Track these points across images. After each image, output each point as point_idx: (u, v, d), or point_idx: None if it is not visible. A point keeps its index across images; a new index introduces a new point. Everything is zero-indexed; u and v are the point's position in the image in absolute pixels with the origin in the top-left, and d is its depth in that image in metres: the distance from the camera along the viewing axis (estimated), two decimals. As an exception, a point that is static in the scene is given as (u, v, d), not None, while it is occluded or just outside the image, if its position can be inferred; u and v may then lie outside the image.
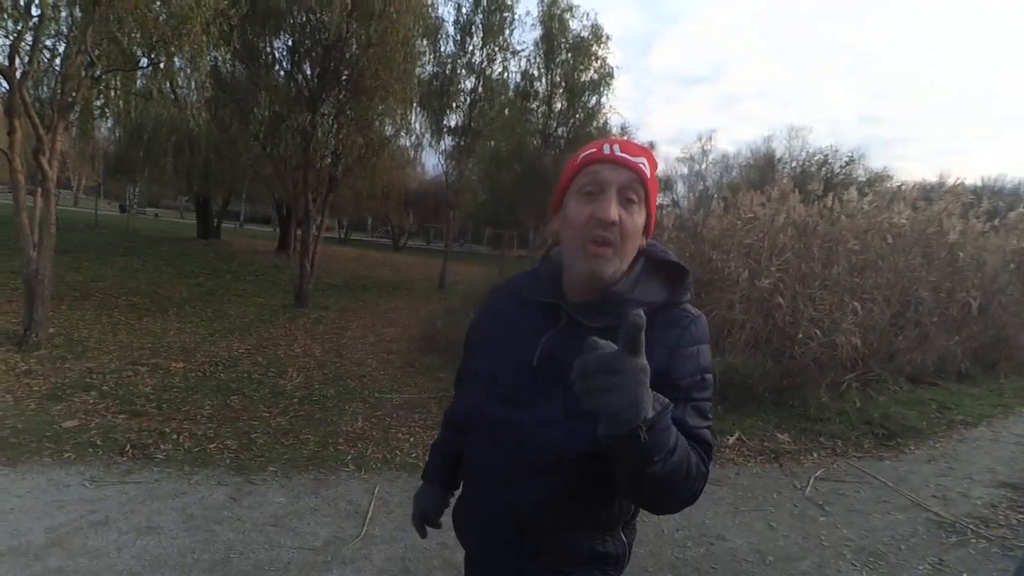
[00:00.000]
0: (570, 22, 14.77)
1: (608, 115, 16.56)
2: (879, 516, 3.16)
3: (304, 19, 8.40)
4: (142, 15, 5.47)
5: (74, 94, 5.20)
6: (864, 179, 21.51)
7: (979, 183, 28.12)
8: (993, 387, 6.30)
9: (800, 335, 5.14)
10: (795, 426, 4.48)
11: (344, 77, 8.80)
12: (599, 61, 15.33)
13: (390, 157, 11.51)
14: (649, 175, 0.85)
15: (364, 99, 8.78)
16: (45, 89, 6.18)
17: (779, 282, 5.40)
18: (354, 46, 8.43)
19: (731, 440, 4.14)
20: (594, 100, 16.00)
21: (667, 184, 32.01)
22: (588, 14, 14.94)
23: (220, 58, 8.98)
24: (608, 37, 15.12)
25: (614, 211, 0.81)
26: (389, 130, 10.52)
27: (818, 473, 3.71)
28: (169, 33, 5.64)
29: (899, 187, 8.56)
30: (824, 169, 23.62)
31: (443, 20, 13.11)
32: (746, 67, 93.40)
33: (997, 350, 6.95)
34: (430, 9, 11.40)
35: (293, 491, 3.02)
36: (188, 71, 6.85)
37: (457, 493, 1.12)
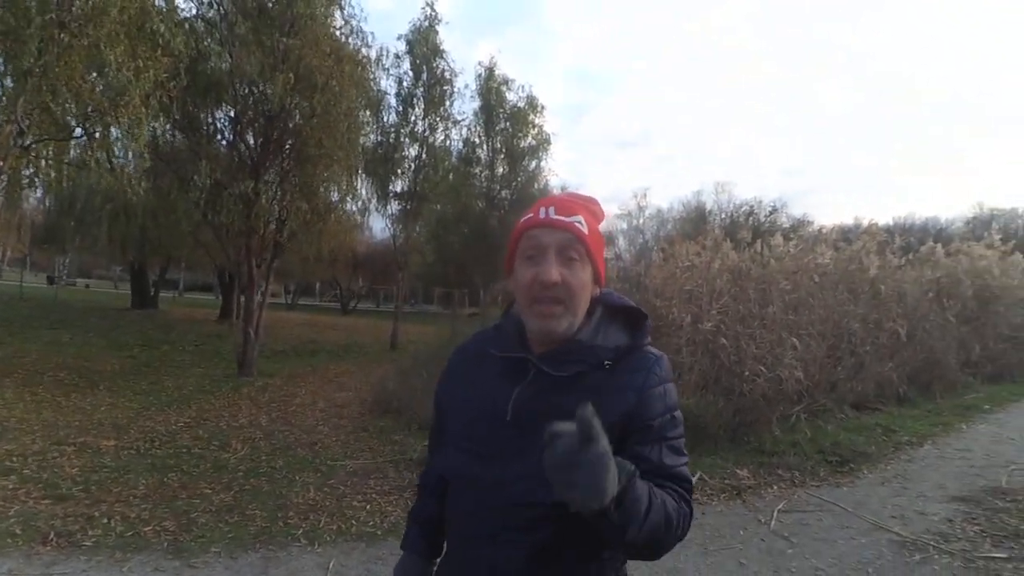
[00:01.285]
0: (507, 94, 15.81)
1: (548, 177, 17.49)
2: (844, 542, 3.21)
3: (246, 91, 8.49)
4: (77, 86, 5.41)
5: (0, 163, 4.99)
6: (787, 226, 23.17)
7: (891, 222, 30.97)
8: (931, 407, 6.65)
9: (746, 372, 5.32)
10: (752, 461, 4.55)
11: (288, 146, 8.88)
12: (536, 129, 16.36)
13: (336, 222, 11.49)
14: (588, 230, 0.89)
15: (308, 167, 8.86)
16: (-33, 159, 5.90)
17: (720, 324, 5.61)
18: (297, 117, 8.57)
19: (694, 480, 4.15)
20: (534, 164, 16.99)
21: (609, 239, 33.27)
22: (523, 87, 16.10)
23: (159, 128, 8.89)
24: (543, 107, 16.27)
25: (555, 273, 0.85)
26: (335, 196, 10.59)
27: (780, 505, 3.75)
28: (106, 104, 5.59)
29: (820, 231, 9.26)
30: (751, 219, 25.35)
31: (385, 93, 13.64)
32: (673, 130, 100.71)
33: (930, 372, 7.39)
34: (372, 83, 11.85)
35: (239, 572, 2.78)
36: (125, 141, 6.73)
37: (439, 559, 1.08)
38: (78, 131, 5.98)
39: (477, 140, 16.02)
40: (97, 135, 6.00)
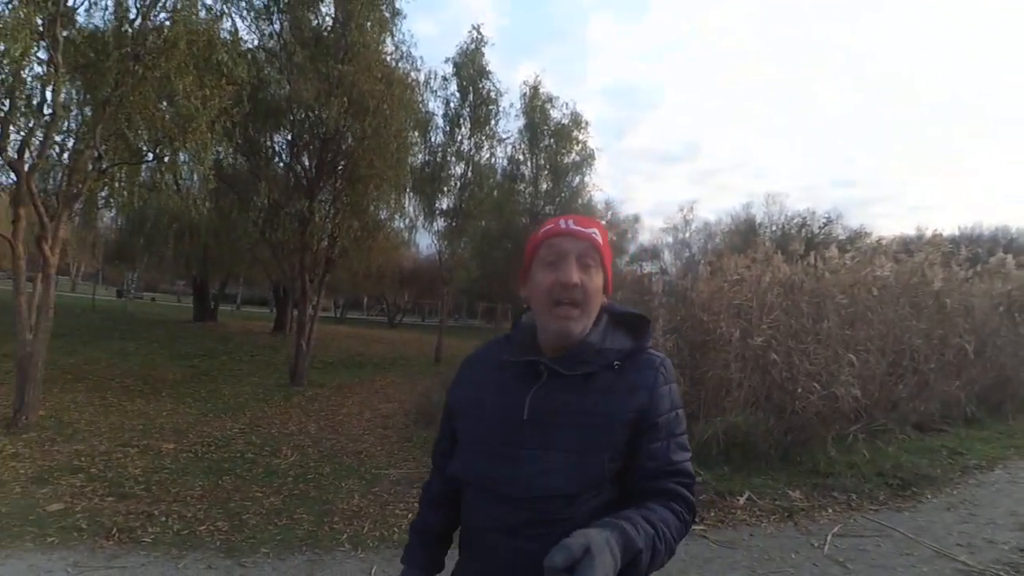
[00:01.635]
0: (551, 111, 15.93)
1: (592, 192, 17.44)
2: (903, 570, 3.02)
3: (303, 116, 8.92)
4: (150, 114, 5.83)
5: (80, 185, 5.43)
6: (843, 237, 22.07)
7: (956, 233, 28.97)
8: (1002, 429, 6.18)
9: (799, 389, 5.10)
10: (806, 482, 4.34)
11: (340, 167, 9.24)
12: (580, 145, 16.40)
13: (385, 239, 11.84)
14: (601, 242, 0.96)
15: (359, 186, 9.15)
16: (52, 181, 6.44)
17: (771, 339, 5.40)
18: (350, 139, 8.90)
19: (741, 501, 4.00)
20: (577, 180, 17.06)
21: (655, 253, 32.73)
22: (567, 104, 16.24)
23: (223, 152, 9.46)
24: (587, 123, 16.30)
25: (575, 275, 0.91)
26: (384, 214, 10.93)
27: (835, 529, 3.57)
28: (175, 130, 5.97)
29: (879, 242, 8.79)
30: (804, 230, 24.32)
31: (433, 114, 13.98)
32: (720, 143, 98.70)
33: (1001, 391, 6.88)
34: (421, 105, 12.20)
35: (286, 573, 2.87)
36: (192, 164, 7.18)
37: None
38: (149, 155, 6.41)
39: (521, 157, 16.20)
40: (166, 159, 6.41)
